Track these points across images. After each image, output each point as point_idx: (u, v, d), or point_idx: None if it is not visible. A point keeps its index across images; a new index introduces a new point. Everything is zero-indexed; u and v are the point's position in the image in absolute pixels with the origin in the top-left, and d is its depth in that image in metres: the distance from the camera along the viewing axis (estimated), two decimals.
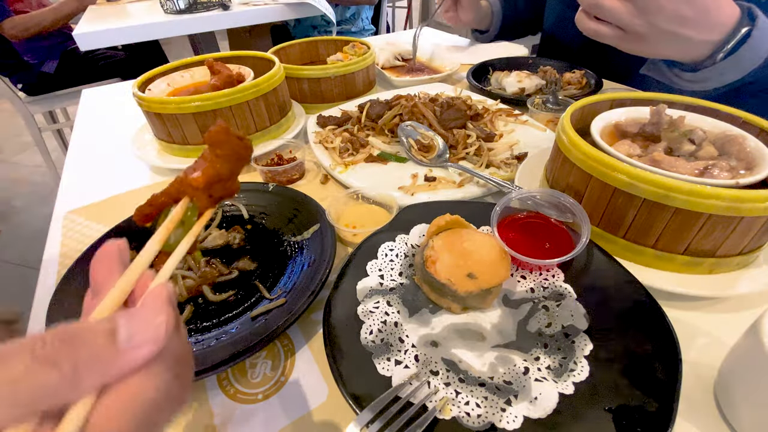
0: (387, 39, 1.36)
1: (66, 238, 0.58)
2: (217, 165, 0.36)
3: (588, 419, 0.31)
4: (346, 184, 0.64)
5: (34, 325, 0.45)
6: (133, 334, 0.18)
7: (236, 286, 0.47)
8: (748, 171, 0.43)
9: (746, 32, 0.55)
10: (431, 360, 0.36)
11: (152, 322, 0.19)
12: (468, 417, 0.32)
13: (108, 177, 0.73)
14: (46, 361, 0.16)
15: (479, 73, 1.01)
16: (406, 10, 3.60)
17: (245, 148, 0.38)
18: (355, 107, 0.82)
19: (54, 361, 0.16)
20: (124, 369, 0.18)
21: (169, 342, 0.20)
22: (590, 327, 0.38)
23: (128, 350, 0.18)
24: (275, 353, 0.41)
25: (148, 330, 0.19)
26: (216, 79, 0.73)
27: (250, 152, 0.39)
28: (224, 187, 0.37)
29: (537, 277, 0.43)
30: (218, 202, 0.37)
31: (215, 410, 0.37)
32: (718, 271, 0.43)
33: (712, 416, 0.34)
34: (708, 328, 0.42)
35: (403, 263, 0.45)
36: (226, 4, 1.61)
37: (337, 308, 0.39)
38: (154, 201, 0.37)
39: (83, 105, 1.06)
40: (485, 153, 0.66)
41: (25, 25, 1.81)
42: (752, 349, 0.30)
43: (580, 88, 0.92)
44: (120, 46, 2.24)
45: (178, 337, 0.22)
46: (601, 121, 0.51)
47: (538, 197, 0.47)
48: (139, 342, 0.18)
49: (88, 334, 0.17)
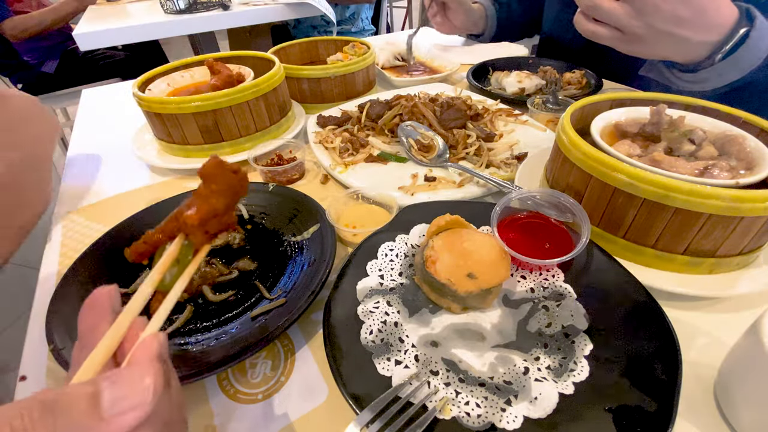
0: (387, 39, 1.36)
1: (66, 239, 0.58)
2: (212, 200, 0.35)
3: (588, 419, 0.31)
4: (346, 184, 0.64)
5: (35, 325, 0.45)
6: (117, 399, 0.17)
7: (236, 286, 0.47)
8: (748, 171, 0.43)
9: (744, 33, 0.55)
10: (431, 360, 0.36)
11: (139, 385, 0.18)
12: (468, 417, 0.32)
13: (108, 177, 0.73)
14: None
15: (479, 73, 1.01)
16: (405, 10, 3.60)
17: (240, 180, 0.37)
18: (355, 107, 0.82)
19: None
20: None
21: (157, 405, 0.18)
22: (590, 327, 0.38)
23: (112, 418, 0.17)
24: (275, 353, 0.41)
25: (134, 395, 0.17)
26: (216, 79, 0.73)
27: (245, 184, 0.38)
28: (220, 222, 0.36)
29: (537, 277, 0.43)
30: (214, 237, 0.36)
31: (215, 410, 0.37)
32: (718, 271, 0.43)
33: (712, 416, 0.34)
34: (708, 328, 0.42)
35: (403, 263, 0.45)
36: (226, 4, 1.61)
37: (337, 308, 0.39)
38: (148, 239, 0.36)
39: (83, 105, 1.06)
40: (485, 153, 0.66)
41: (25, 26, 1.81)
42: (752, 349, 0.30)
43: (580, 88, 0.92)
44: (120, 46, 2.24)
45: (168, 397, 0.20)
46: (601, 121, 0.51)
47: (538, 197, 0.47)
48: (124, 408, 0.17)
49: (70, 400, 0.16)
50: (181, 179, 0.71)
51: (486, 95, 0.88)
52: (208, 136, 0.69)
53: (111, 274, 0.48)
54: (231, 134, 0.70)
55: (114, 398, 0.17)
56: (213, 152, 0.70)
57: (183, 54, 1.17)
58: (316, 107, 0.87)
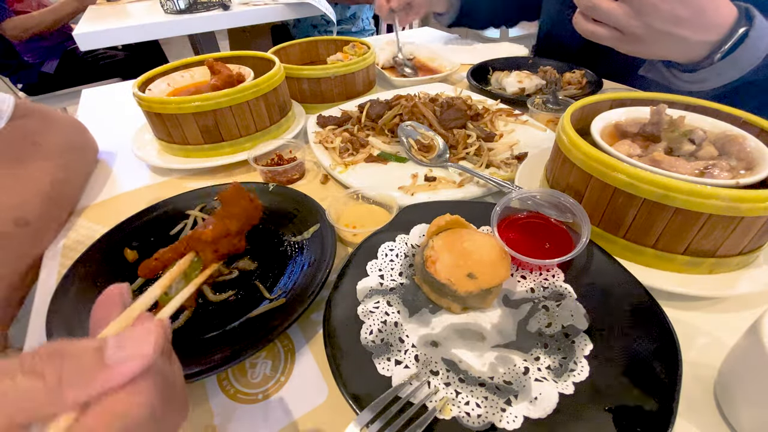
0: (387, 39, 1.36)
1: (66, 239, 0.58)
2: (226, 221, 0.41)
3: (588, 419, 0.31)
4: (346, 184, 0.64)
5: (35, 325, 0.45)
6: (120, 348, 0.18)
7: (236, 286, 0.47)
8: (748, 171, 0.43)
9: (743, 33, 0.55)
10: (431, 360, 0.36)
11: (141, 338, 0.19)
12: (468, 417, 0.32)
13: (108, 177, 0.73)
14: (32, 373, 0.16)
15: (479, 73, 1.01)
16: None
17: (255, 208, 0.43)
18: (355, 107, 0.82)
19: (40, 372, 0.16)
20: (110, 383, 0.17)
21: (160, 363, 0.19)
22: (590, 327, 0.38)
23: (114, 364, 0.17)
24: (275, 353, 0.41)
25: (136, 346, 0.18)
26: (216, 79, 0.73)
27: (259, 213, 0.44)
28: (230, 243, 0.41)
29: (537, 277, 0.43)
30: (223, 258, 0.41)
31: (215, 410, 0.37)
32: (718, 271, 0.43)
33: (712, 416, 0.34)
34: (708, 328, 0.42)
35: (403, 263, 0.45)
36: (226, 4, 1.61)
37: (337, 308, 0.39)
38: (161, 256, 0.40)
39: (83, 105, 1.06)
40: (485, 153, 0.66)
41: (25, 26, 1.81)
42: (752, 349, 0.30)
43: (580, 88, 0.92)
44: (120, 46, 2.24)
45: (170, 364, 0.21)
46: (601, 121, 0.51)
47: (538, 197, 0.47)
48: (126, 356, 0.18)
49: (77, 348, 0.17)
50: (181, 179, 0.71)
51: (486, 95, 0.88)
52: (208, 136, 0.69)
53: (111, 274, 0.48)
54: (231, 134, 0.70)
55: (117, 347, 0.18)
56: (213, 152, 0.71)
57: (183, 54, 1.17)
58: (316, 107, 0.87)
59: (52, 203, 0.58)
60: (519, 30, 3.57)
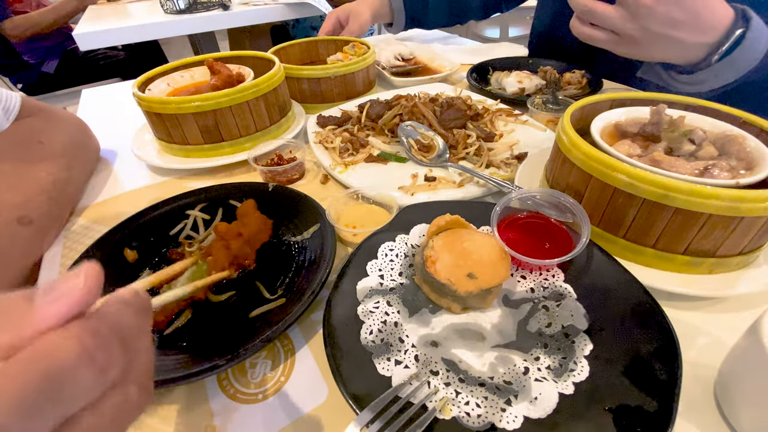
0: (387, 39, 1.36)
1: (66, 239, 0.58)
2: (242, 227, 0.49)
3: (588, 419, 0.31)
4: (346, 184, 0.64)
5: None
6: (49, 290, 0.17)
7: (236, 286, 0.47)
8: (748, 171, 0.43)
9: (740, 34, 0.55)
10: (431, 360, 0.36)
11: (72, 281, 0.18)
12: (468, 417, 0.32)
13: (108, 177, 0.73)
14: None
15: (479, 73, 1.01)
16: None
17: (264, 222, 0.52)
18: (355, 107, 0.82)
19: None
20: (38, 325, 0.16)
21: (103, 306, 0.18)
22: (590, 327, 0.38)
23: (42, 305, 0.17)
24: (275, 353, 0.41)
25: (65, 286, 0.17)
26: (216, 79, 0.73)
27: (269, 228, 0.52)
28: (241, 249, 0.47)
29: (537, 277, 0.43)
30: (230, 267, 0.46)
31: (215, 410, 0.37)
32: (718, 271, 0.43)
33: (712, 416, 0.34)
34: (708, 328, 0.42)
35: (403, 263, 0.45)
36: (226, 4, 1.61)
37: (337, 308, 0.39)
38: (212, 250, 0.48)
39: (83, 105, 1.06)
40: (485, 153, 0.66)
41: (25, 26, 1.81)
42: (752, 349, 0.30)
43: (580, 88, 0.92)
44: (120, 46, 2.24)
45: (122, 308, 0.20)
46: (601, 121, 0.51)
47: (538, 197, 0.47)
48: (55, 297, 0.17)
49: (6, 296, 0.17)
50: (181, 179, 0.70)
51: (486, 95, 0.88)
52: (208, 136, 0.69)
53: (111, 274, 0.48)
54: (231, 134, 0.70)
55: (46, 290, 0.17)
56: (213, 152, 0.71)
57: (183, 54, 1.17)
58: (316, 107, 0.87)
59: (54, 202, 0.58)
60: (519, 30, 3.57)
